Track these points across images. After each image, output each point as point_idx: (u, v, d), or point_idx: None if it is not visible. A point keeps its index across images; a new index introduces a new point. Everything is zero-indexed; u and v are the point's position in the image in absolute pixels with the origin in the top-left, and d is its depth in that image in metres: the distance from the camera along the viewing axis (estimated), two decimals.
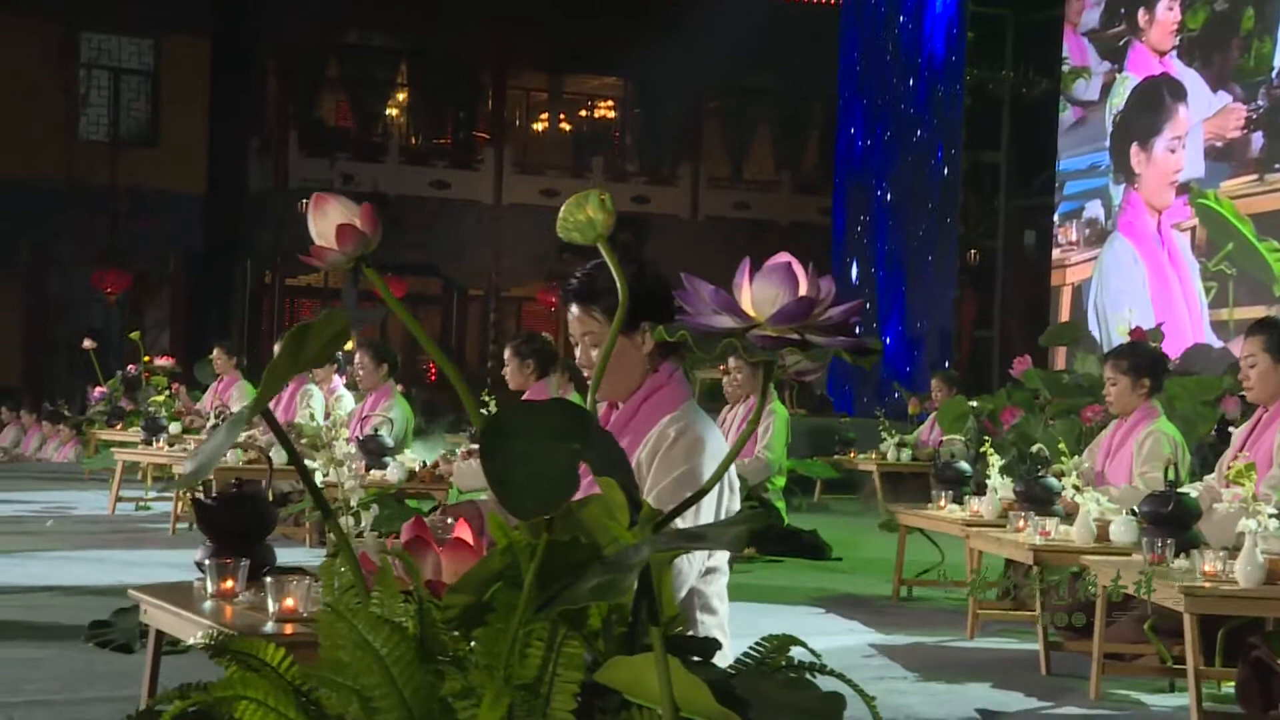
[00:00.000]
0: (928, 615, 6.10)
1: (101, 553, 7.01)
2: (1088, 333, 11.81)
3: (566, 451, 2.11)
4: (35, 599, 5.65)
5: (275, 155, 22.56)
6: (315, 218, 2.35)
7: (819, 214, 24.59)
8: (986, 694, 4.59)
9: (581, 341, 3.14)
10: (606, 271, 3.20)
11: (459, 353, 24.18)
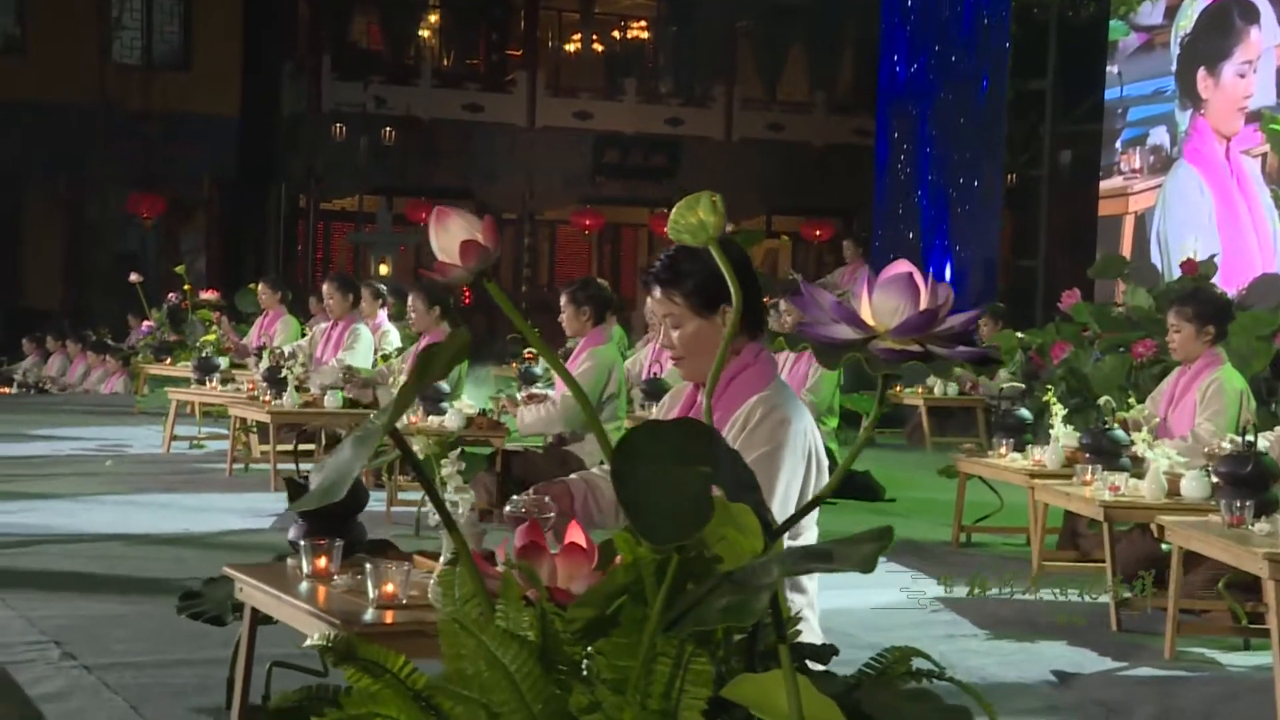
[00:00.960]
0: (989, 563, 6.07)
1: (163, 497, 7.04)
2: (1148, 264, 11.62)
3: (697, 475, 2.05)
4: (107, 548, 5.67)
5: (309, 79, 22.37)
6: (437, 232, 2.29)
7: (853, 135, 24.29)
8: (1059, 653, 4.56)
9: (663, 324, 3.14)
10: (688, 256, 3.16)
11: (493, 276, 24.07)
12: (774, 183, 23.73)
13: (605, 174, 23.53)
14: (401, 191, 22.42)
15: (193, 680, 3.95)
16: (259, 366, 8.42)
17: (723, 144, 24.10)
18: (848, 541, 2.15)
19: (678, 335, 3.13)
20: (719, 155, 23.90)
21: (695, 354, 3.13)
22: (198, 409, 9.37)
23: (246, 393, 8.24)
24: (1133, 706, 3.99)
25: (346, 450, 2.31)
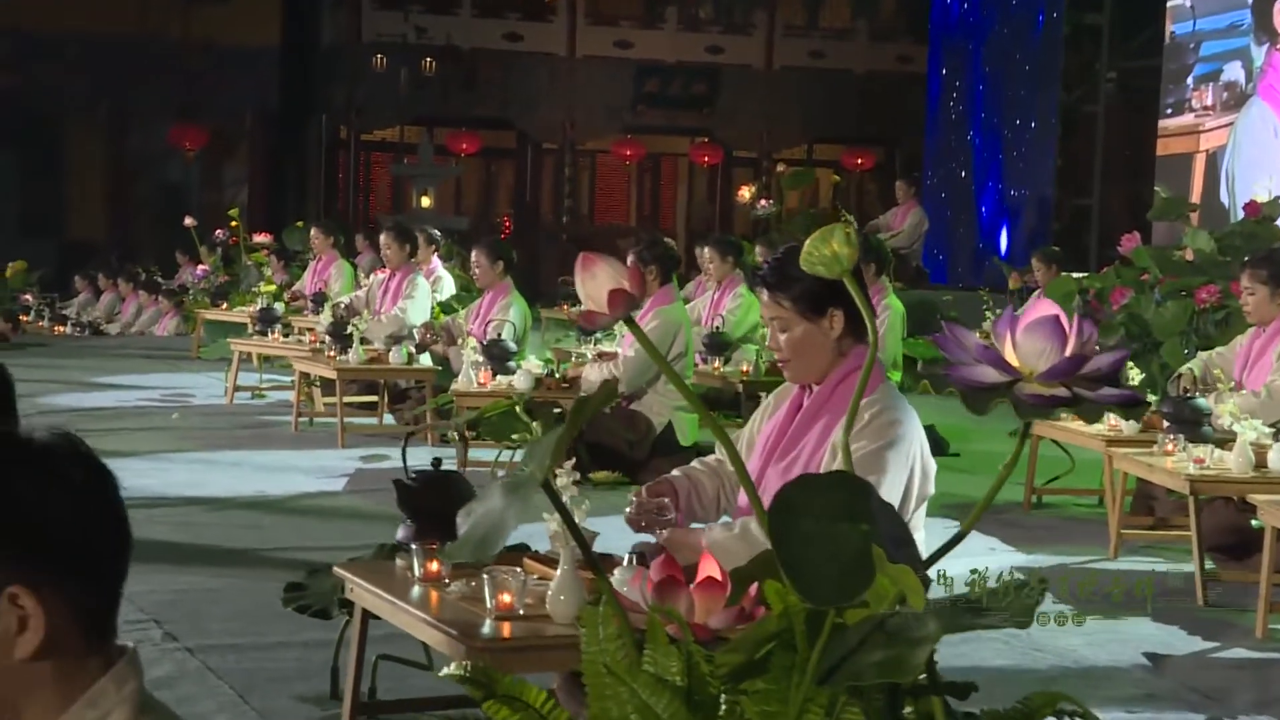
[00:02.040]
0: (1063, 528, 6.04)
1: (234, 455, 7.07)
2: (1218, 205, 11.38)
3: (857, 533, 2.02)
4: (188, 513, 5.70)
5: (348, 8, 22.16)
6: (584, 279, 2.26)
7: (896, 62, 23.94)
8: (1148, 632, 4.54)
9: (770, 326, 3.17)
10: (796, 259, 3.13)
11: (534, 207, 24.00)
12: (815, 111, 23.45)
13: (646, 103, 23.29)
14: (442, 122, 22.27)
15: (294, 665, 3.98)
16: (321, 317, 8.42)
17: (763, 72, 23.80)
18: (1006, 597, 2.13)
19: (785, 338, 3.13)
20: (760, 84, 23.62)
21: (802, 357, 3.13)
22: (257, 358, 9.39)
23: (309, 344, 8.25)
24: (1231, 693, 3.98)
25: (497, 499, 2.29)
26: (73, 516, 1.41)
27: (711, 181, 24.78)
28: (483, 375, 6.72)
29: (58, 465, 1.42)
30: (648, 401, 6.79)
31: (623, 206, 25.08)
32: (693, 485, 3.38)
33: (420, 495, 3.45)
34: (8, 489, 1.41)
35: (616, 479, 6.61)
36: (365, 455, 7.17)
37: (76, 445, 1.45)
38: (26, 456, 1.42)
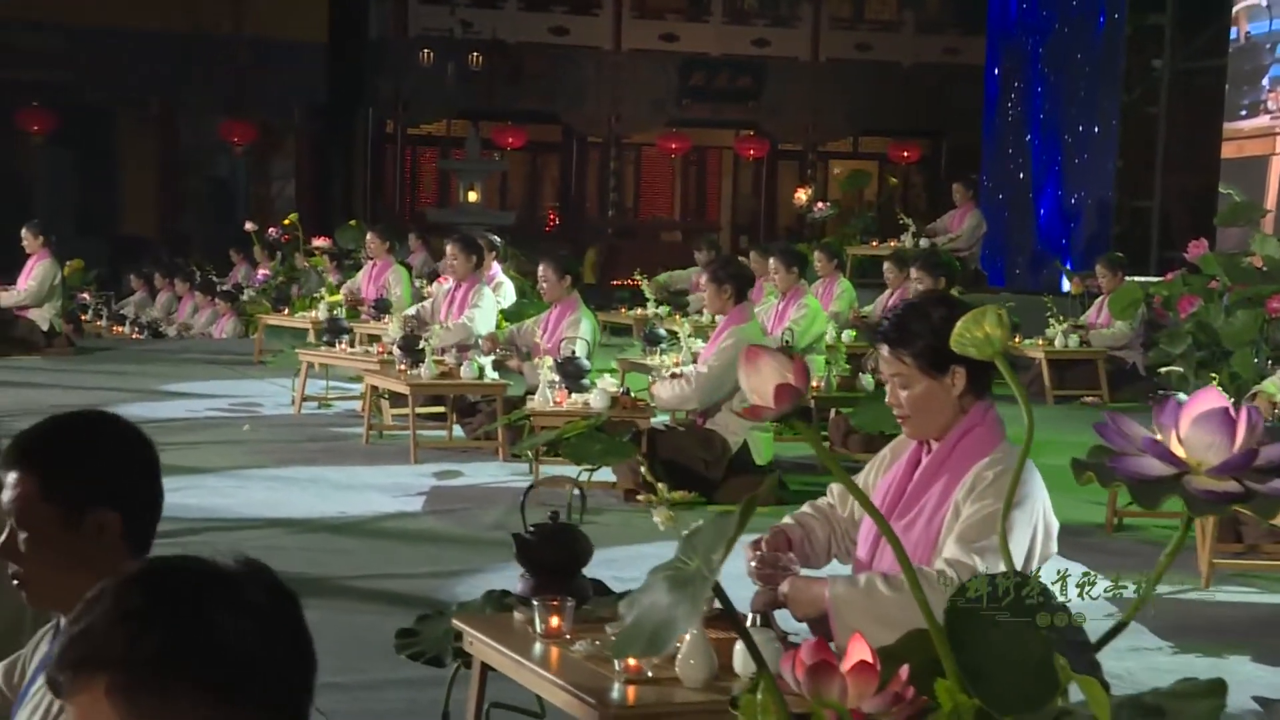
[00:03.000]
0: (1149, 554, 5.97)
1: (309, 471, 7.08)
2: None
3: (1039, 638, 1.99)
4: (271, 536, 5.71)
5: (395, 2, 22.19)
6: (748, 373, 2.23)
7: (942, 54, 23.78)
8: (1253, 673, 4.48)
9: (891, 382, 3.13)
10: (916, 315, 3.10)
11: (579, 201, 23.99)
12: (861, 104, 23.33)
13: (691, 96, 23.23)
14: (488, 116, 22.28)
15: (402, 706, 3.98)
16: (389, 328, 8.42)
17: (809, 65, 23.69)
18: (1178, 695, 2.09)
19: (906, 395, 3.10)
20: (805, 76, 23.52)
21: (923, 414, 3.10)
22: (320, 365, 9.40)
23: (377, 355, 8.26)
24: None
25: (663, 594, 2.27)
26: (261, 643, 1.44)
27: (757, 175, 24.70)
28: (559, 394, 6.71)
29: (246, 592, 1.46)
30: (723, 420, 6.76)
31: (667, 200, 25.03)
32: (805, 533, 3.36)
33: (539, 549, 3.44)
34: (200, 618, 1.44)
35: (693, 499, 6.59)
36: (438, 471, 7.18)
37: (261, 570, 1.50)
38: (216, 584, 1.45)
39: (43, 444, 2.30)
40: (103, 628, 1.45)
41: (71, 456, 2.28)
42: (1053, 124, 13.30)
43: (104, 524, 2.23)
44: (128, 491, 2.29)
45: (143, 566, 1.51)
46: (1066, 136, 13.08)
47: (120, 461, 2.31)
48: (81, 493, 2.24)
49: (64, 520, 2.22)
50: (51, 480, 2.24)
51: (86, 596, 1.52)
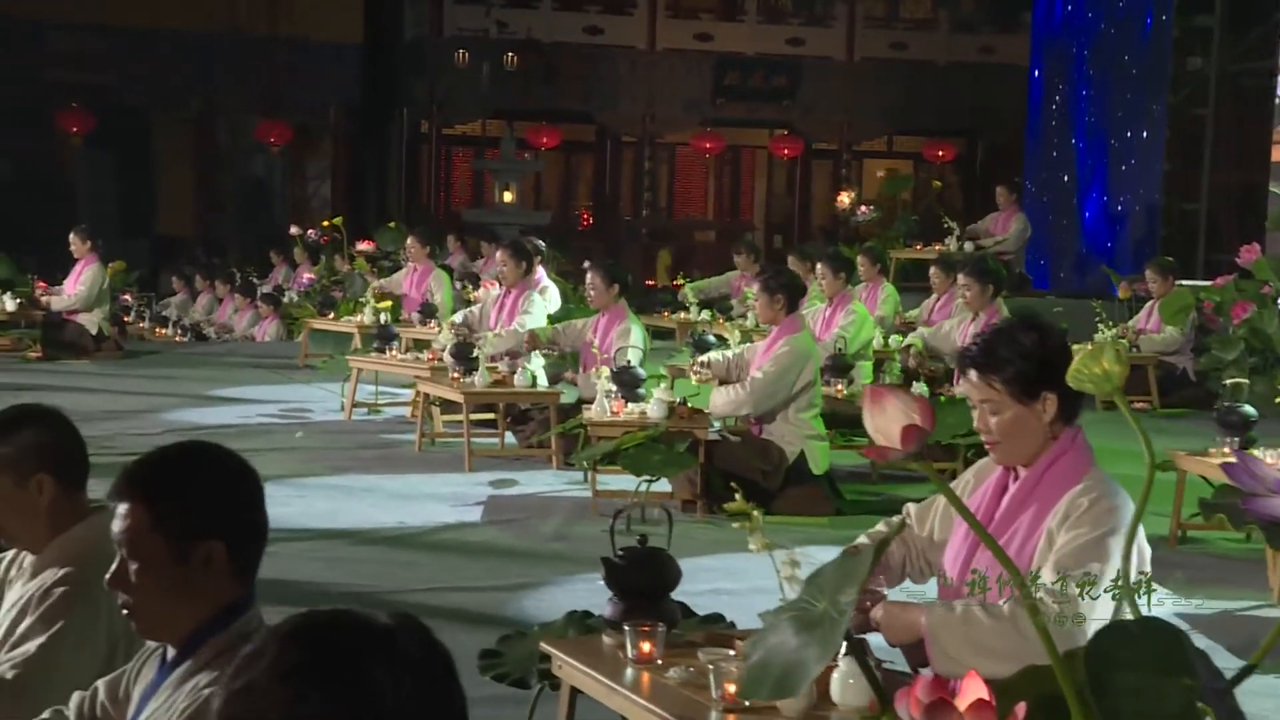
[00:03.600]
0: (1215, 568, 5.93)
1: (366, 479, 7.10)
2: None
3: (1179, 688, 1.98)
4: (335, 548, 5.72)
5: (430, 2, 22.24)
6: (874, 413, 2.23)
7: (978, 53, 23.69)
8: None
9: (980, 408, 3.08)
10: (1004, 341, 3.08)
11: (613, 201, 23.99)
12: (896, 103, 23.26)
13: (725, 96, 23.19)
14: (522, 116, 22.30)
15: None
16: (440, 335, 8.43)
17: (844, 64, 23.63)
18: None
19: (996, 421, 3.07)
20: (840, 75, 23.45)
21: (1013, 440, 3.08)
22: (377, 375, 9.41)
23: (428, 362, 8.28)
24: None
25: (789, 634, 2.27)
26: (417, 697, 1.46)
27: (791, 174, 24.66)
28: (615, 404, 6.71)
29: (401, 646, 1.48)
30: (779, 430, 6.75)
31: (701, 200, 25.01)
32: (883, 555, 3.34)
33: (628, 574, 3.43)
34: (359, 675, 1.46)
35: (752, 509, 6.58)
36: (494, 480, 7.19)
37: (414, 624, 1.51)
38: (373, 640, 1.47)
39: (151, 475, 2.33)
40: (263, 685, 1.47)
41: (180, 488, 2.30)
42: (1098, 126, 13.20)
43: (211, 554, 2.26)
44: (234, 521, 2.32)
45: (299, 622, 1.52)
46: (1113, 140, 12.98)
47: (226, 492, 2.34)
48: (190, 523, 2.26)
49: (173, 551, 2.25)
50: (161, 511, 2.27)
51: (244, 652, 1.54)
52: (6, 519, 2.90)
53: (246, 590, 2.33)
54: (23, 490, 2.86)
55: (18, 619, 2.88)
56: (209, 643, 2.27)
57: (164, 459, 2.38)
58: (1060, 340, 3.18)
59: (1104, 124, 13.19)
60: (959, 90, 23.06)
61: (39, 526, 2.89)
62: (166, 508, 2.28)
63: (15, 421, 2.91)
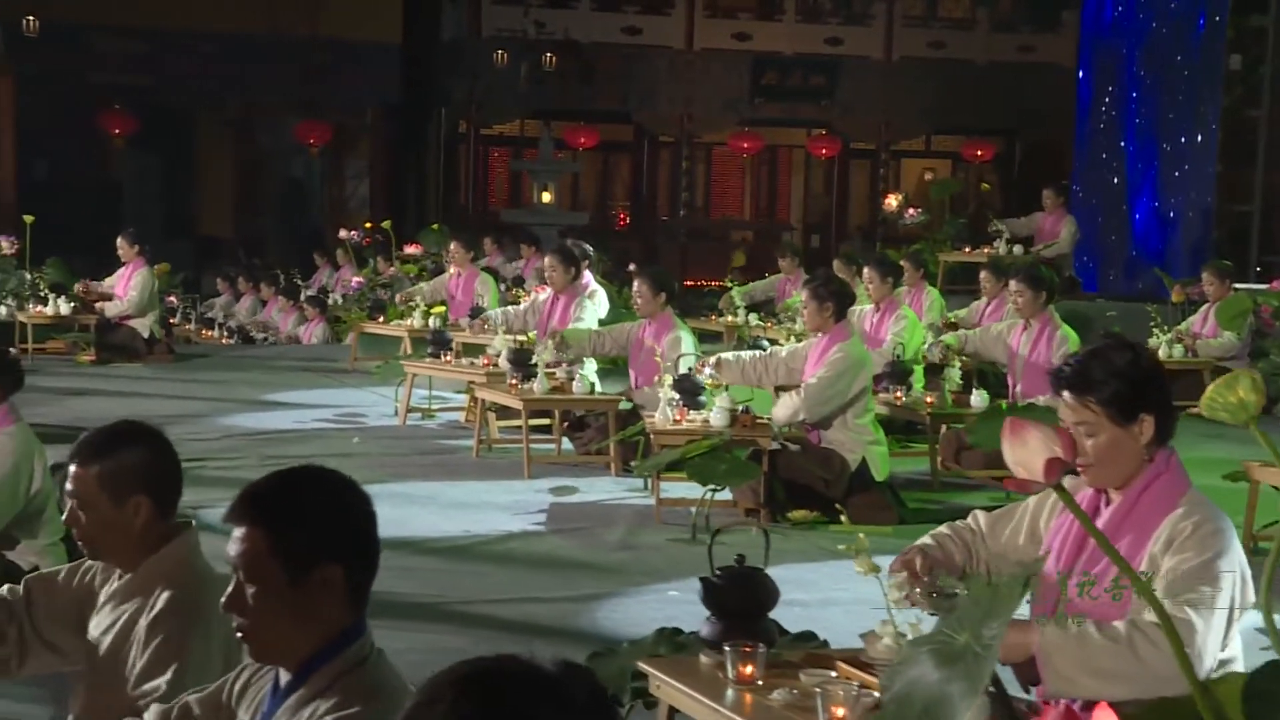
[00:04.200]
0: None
1: (427, 487, 7.10)
2: None
3: None
4: (403, 558, 5.71)
5: (469, 3, 22.26)
6: (1014, 446, 2.21)
7: (1017, 53, 23.57)
8: None
9: (1074, 430, 3.01)
10: (1099, 363, 3.03)
11: (650, 200, 23.98)
12: (934, 102, 23.17)
13: (763, 95, 23.15)
14: (560, 116, 22.31)
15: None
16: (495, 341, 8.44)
17: (882, 63, 23.55)
18: None
19: (1092, 444, 3.01)
20: (879, 75, 23.37)
21: (1108, 463, 3.03)
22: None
23: (483, 367, 8.29)
24: None
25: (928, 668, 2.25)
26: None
27: (828, 173, 24.59)
28: (678, 413, 6.70)
29: (569, 694, 1.51)
30: (838, 438, 6.72)
31: (738, 199, 24.97)
32: (945, 556, 3.29)
33: (727, 593, 3.42)
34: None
35: (815, 518, 6.57)
36: (554, 487, 7.18)
37: (580, 671, 1.54)
38: (544, 688, 1.50)
39: (270, 499, 2.32)
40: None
41: (298, 512, 2.30)
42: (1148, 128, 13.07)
43: (328, 578, 2.25)
44: (350, 546, 2.31)
45: (469, 671, 1.54)
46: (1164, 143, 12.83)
47: (343, 516, 2.33)
48: (308, 548, 2.26)
49: (291, 575, 2.24)
50: (279, 535, 2.26)
51: (416, 699, 1.54)
52: (100, 536, 2.90)
53: (359, 615, 2.32)
54: (119, 510, 2.86)
55: (121, 643, 2.88)
56: (324, 669, 2.25)
57: (281, 483, 2.38)
58: (1153, 360, 3.15)
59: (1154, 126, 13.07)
60: (998, 90, 22.96)
61: (131, 546, 2.89)
62: (285, 532, 2.28)
63: (118, 440, 2.91)
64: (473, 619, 5.02)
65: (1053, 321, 7.79)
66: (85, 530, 2.91)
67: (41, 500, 5.30)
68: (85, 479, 2.87)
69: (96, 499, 2.87)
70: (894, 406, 7.69)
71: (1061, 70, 23.41)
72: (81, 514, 2.89)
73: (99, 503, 2.88)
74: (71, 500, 2.90)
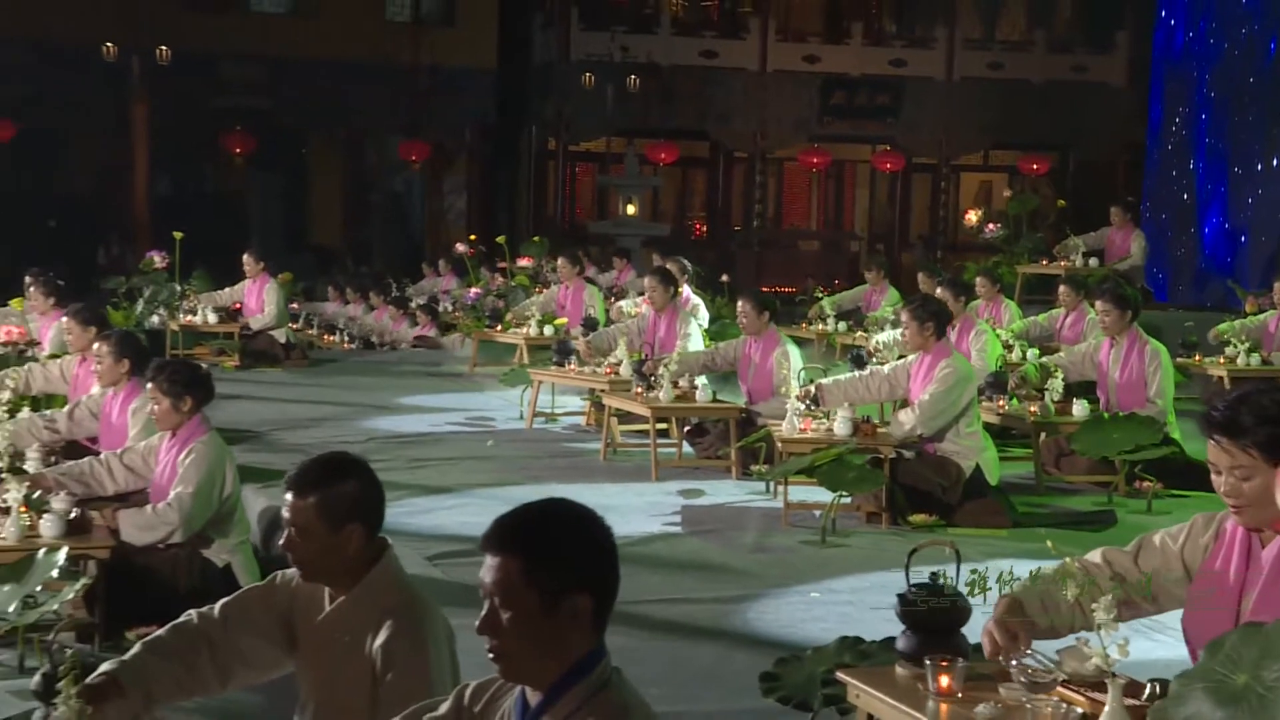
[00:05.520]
0: None
1: (564, 489, 7.04)
2: None
3: None
4: None
5: (558, 30, 22.28)
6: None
7: (1071, 72, 23.26)
8: None
9: (1228, 474, 2.86)
10: (1249, 407, 2.89)
11: (725, 212, 23.91)
12: (993, 119, 22.95)
13: (832, 114, 23.01)
14: (642, 133, 22.30)
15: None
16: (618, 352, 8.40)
17: (944, 83, 23.33)
18: None
19: (1248, 486, 2.88)
20: (940, 94, 23.16)
21: (1264, 504, 2.88)
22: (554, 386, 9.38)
23: (605, 375, 8.26)
24: None
25: (1205, 706, 2.17)
26: None
27: (892, 187, 24.40)
28: (804, 423, 6.64)
29: None
30: (951, 448, 6.63)
31: (805, 211, 24.84)
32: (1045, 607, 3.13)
33: (924, 612, 3.35)
34: None
35: (934, 522, 6.48)
36: (682, 490, 7.12)
37: None
38: None
39: (524, 531, 2.29)
40: None
41: (551, 544, 2.27)
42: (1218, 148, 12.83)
43: (578, 607, 2.22)
44: (598, 576, 2.27)
45: None
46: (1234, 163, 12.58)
47: (591, 548, 2.29)
48: (561, 578, 2.22)
49: (543, 603, 2.21)
50: (533, 565, 2.23)
51: None
52: (317, 560, 2.89)
53: (600, 639, 2.29)
54: (335, 537, 2.86)
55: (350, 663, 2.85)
56: (573, 690, 2.22)
57: (534, 516, 2.35)
58: None
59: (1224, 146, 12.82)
60: (1053, 107, 22.71)
61: (345, 569, 2.89)
62: (540, 563, 2.24)
63: (332, 473, 2.90)
64: (633, 619, 4.98)
65: (1140, 338, 7.63)
66: (302, 555, 2.90)
67: (232, 503, 5.35)
68: (303, 509, 2.87)
69: (314, 527, 2.87)
70: (999, 415, 7.58)
71: (1113, 89, 23.09)
72: (299, 540, 2.89)
73: (317, 531, 2.87)
74: (290, 528, 2.90)
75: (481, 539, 2.28)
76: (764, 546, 6.10)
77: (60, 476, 5.25)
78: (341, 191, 22.40)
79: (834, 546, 6.12)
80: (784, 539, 6.21)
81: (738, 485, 7.30)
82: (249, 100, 20.54)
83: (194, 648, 2.91)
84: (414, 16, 21.85)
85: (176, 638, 2.93)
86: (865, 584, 5.53)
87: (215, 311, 11.16)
